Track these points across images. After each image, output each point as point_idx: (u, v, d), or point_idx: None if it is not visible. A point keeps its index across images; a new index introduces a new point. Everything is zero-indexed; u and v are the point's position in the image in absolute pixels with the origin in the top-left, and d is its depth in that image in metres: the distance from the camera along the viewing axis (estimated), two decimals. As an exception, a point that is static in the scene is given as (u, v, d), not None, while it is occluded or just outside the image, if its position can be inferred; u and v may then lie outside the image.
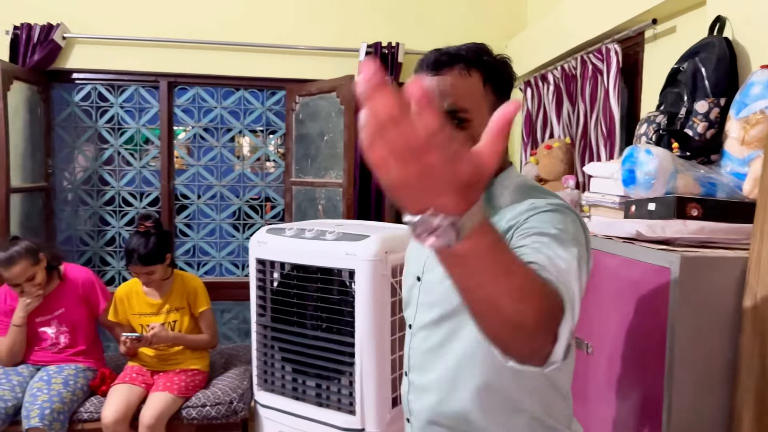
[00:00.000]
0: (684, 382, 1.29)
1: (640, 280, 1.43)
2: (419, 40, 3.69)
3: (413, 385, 1.20)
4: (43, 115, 3.48)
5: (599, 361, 1.63)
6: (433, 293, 1.14)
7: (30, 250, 2.56)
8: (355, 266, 2.32)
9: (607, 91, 2.53)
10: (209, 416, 2.57)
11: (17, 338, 2.59)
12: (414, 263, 1.23)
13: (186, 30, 3.55)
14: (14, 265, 2.48)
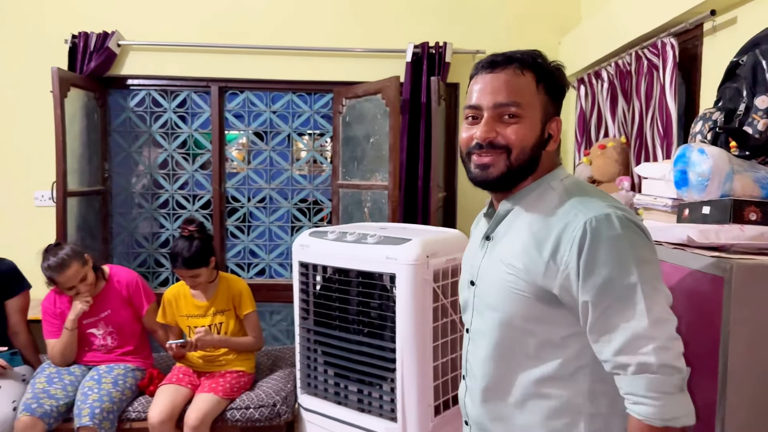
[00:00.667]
0: (738, 402, 1.19)
1: (691, 289, 1.33)
2: (468, 39, 3.62)
3: (469, 389, 1.23)
4: (99, 120, 3.60)
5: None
6: (487, 298, 1.17)
7: (77, 252, 2.64)
8: (395, 270, 2.28)
9: (663, 88, 2.39)
10: (252, 418, 2.57)
11: (69, 341, 2.66)
12: (468, 267, 1.27)
13: (235, 35, 3.60)
14: (67, 269, 2.56)
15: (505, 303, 1.10)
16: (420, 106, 3.47)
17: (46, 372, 2.64)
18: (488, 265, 1.17)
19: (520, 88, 1.11)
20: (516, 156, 1.11)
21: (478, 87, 1.14)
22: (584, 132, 3.27)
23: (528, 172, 1.14)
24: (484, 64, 1.15)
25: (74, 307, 2.63)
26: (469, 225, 1.81)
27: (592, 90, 3.15)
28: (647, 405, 1.00)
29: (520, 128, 1.10)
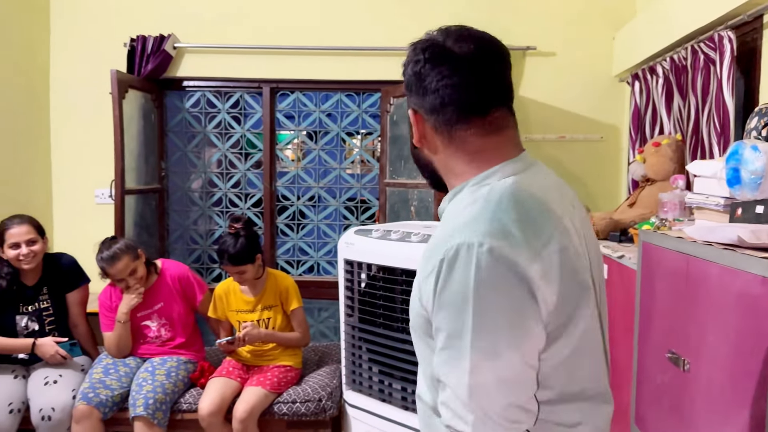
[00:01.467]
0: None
1: (742, 291, 1.28)
2: (519, 35, 3.57)
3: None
4: (156, 121, 3.72)
5: (697, 379, 1.48)
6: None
7: (129, 247, 2.74)
8: (440, 269, 2.27)
9: (720, 83, 2.30)
10: (299, 413, 2.62)
11: (123, 333, 2.77)
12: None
13: (286, 37, 3.66)
14: (118, 261, 2.66)
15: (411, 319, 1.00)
16: (468, 104, 3.44)
17: (102, 363, 2.75)
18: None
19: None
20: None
21: None
22: (638, 129, 3.18)
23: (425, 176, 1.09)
24: None
25: (126, 301, 2.73)
26: None
27: (647, 86, 3.06)
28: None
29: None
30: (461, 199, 0.96)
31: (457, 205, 0.96)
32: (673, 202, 2.44)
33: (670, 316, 1.62)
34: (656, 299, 1.74)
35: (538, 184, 0.96)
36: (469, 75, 0.94)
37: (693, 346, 1.48)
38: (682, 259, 1.54)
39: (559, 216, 0.93)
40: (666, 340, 1.64)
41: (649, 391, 1.80)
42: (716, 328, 1.39)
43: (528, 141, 3.66)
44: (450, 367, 0.85)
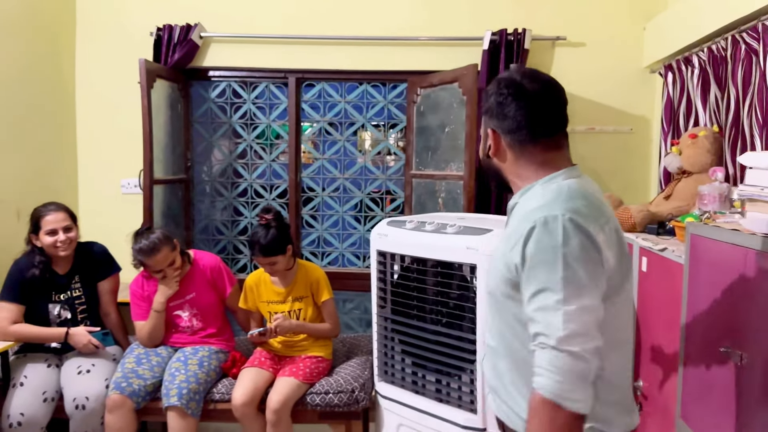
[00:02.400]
0: None
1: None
2: (548, 26, 3.53)
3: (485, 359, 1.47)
4: (182, 111, 3.72)
5: (754, 373, 1.45)
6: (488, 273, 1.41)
7: (167, 237, 2.74)
8: (476, 261, 2.26)
9: (764, 74, 2.26)
10: (332, 404, 2.61)
11: (157, 323, 2.77)
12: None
13: (312, 26, 3.63)
14: (158, 253, 2.66)
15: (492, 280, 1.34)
16: (497, 95, 3.41)
17: (134, 353, 2.76)
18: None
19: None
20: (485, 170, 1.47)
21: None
22: (671, 121, 3.14)
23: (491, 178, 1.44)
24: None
25: (162, 290, 2.74)
26: None
27: (681, 77, 3.02)
28: (545, 377, 1.11)
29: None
30: (534, 193, 1.28)
31: (530, 197, 1.28)
32: (712, 194, 2.41)
33: (723, 310, 1.59)
34: (706, 293, 1.71)
35: (590, 186, 1.32)
36: (537, 108, 1.28)
37: (751, 340, 1.46)
38: (739, 252, 1.51)
39: (609, 209, 1.29)
40: (718, 335, 1.62)
41: (696, 386, 1.78)
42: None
43: (556, 132, 3.62)
44: (546, 302, 1.13)
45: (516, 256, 1.20)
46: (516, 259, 1.20)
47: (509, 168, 1.34)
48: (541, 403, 1.11)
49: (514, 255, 1.21)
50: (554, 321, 1.11)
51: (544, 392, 1.10)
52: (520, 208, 1.29)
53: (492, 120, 1.33)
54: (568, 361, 1.09)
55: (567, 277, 1.12)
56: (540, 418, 1.11)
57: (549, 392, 1.09)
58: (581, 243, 1.15)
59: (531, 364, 1.15)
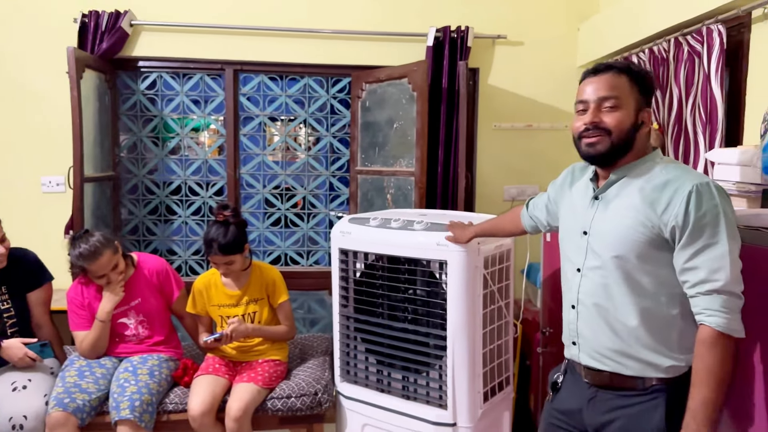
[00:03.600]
0: None
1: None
2: (488, 24, 3.60)
3: (581, 314, 1.56)
4: (110, 103, 3.47)
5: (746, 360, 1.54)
6: (605, 241, 1.49)
7: (108, 240, 2.55)
8: (447, 257, 2.26)
9: (708, 76, 2.41)
10: (294, 408, 2.53)
11: (102, 333, 2.57)
12: (579, 221, 1.58)
13: (251, 16, 3.50)
14: (100, 257, 2.47)
15: (623, 245, 1.44)
16: (441, 91, 3.44)
17: (75, 365, 2.54)
18: (603, 218, 1.51)
19: (617, 85, 1.46)
20: (616, 136, 1.45)
21: (587, 87, 1.50)
22: (608, 118, 3.28)
23: (626, 150, 1.47)
24: (591, 70, 1.51)
25: (108, 298, 2.54)
26: (487, 209, 2.00)
27: (618, 76, 3.16)
28: (720, 317, 1.33)
29: (618, 115, 1.45)
30: (654, 165, 1.48)
31: (649, 169, 1.47)
32: (659, 188, 2.54)
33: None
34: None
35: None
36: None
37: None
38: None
39: None
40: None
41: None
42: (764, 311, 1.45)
43: (497, 129, 3.71)
44: (714, 253, 1.34)
45: (673, 213, 1.37)
46: (673, 215, 1.37)
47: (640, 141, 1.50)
48: (717, 337, 1.33)
49: (669, 212, 1.37)
50: (720, 273, 1.33)
51: (721, 328, 1.32)
52: (643, 179, 1.45)
53: (645, 97, 1.49)
54: (733, 303, 1.34)
55: (729, 233, 1.34)
56: (717, 349, 1.33)
57: (725, 328, 1.32)
58: (729, 204, 1.38)
59: (667, 317, 1.42)
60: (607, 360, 1.50)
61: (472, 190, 3.70)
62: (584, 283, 1.54)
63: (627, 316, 1.46)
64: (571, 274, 1.59)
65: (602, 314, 1.50)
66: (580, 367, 1.59)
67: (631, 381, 1.48)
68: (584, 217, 1.56)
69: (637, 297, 1.44)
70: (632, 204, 1.43)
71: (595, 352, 1.53)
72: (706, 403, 1.34)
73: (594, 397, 1.55)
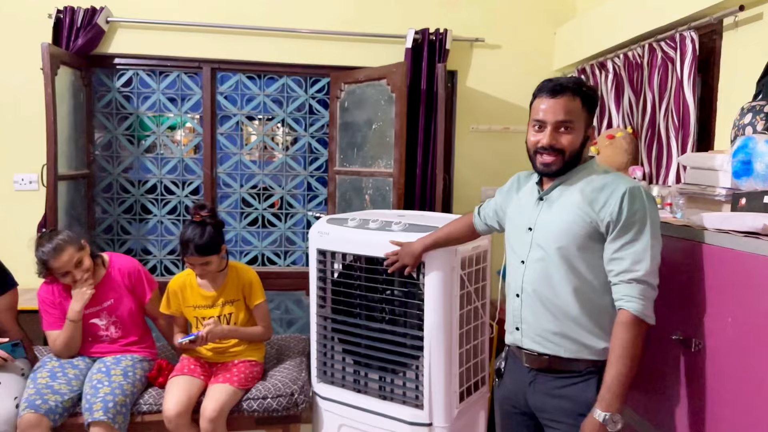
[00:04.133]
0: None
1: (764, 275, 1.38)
2: (466, 27, 3.62)
3: (525, 302, 1.72)
4: (84, 100, 3.42)
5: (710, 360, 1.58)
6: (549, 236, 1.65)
7: (72, 238, 2.52)
8: (424, 258, 2.27)
9: (681, 81, 2.46)
10: (270, 408, 2.52)
11: (74, 333, 2.53)
12: (524, 219, 1.75)
13: (229, 15, 3.49)
14: (62, 252, 2.44)
15: (565, 237, 1.60)
16: (419, 93, 3.45)
17: (48, 366, 2.51)
18: (547, 215, 1.67)
19: (571, 110, 1.60)
20: (569, 155, 1.63)
21: (543, 107, 1.63)
22: (583, 122, 3.33)
23: (575, 164, 1.65)
24: (547, 91, 1.62)
25: (77, 297, 2.51)
26: (464, 211, 2.07)
27: (594, 81, 3.21)
28: (637, 303, 1.51)
29: (572, 137, 1.61)
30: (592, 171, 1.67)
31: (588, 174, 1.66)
32: (633, 191, 2.58)
33: (673, 300, 1.71)
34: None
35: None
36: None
37: (706, 327, 1.58)
38: (689, 246, 1.63)
39: None
40: (668, 323, 1.73)
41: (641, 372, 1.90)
42: (732, 311, 1.48)
43: (475, 131, 3.74)
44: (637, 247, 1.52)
45: (609, 211, 1.54)
46: (609, 213, 1.54)
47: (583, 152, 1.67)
48: (633, 321, 1.51)
49: (606, 210, 1.55)
50: (641, 264, 1.51)
51: (638, 313, 1.50)
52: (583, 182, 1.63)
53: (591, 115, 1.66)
54: (649, 292, 1.52)
55: (652, 231, 1.53)
56: (633, 331, 1.51)
57: (640, 313, 1.50)
58: (656, 208, 1.56)
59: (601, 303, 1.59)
60: (547, 342, 1.66)
61: (450, 192, 3.73)
62: (528, 273, 1.70)
63: (566, 302, 1.61)
64: (516, 265, 1.76)
65: (544, 300, 1.65)
66: (521, 352, 1.75)
67: (568, 364, 1.64)
68: (530, 215, 1.72)
69: (575, 284, 1.60)
70: (574, 203, 1.60)
71: (536, 335, 1.68)
72: (620, 378, 1.51)
73: (534, 381, 1.70)
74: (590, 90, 1.65)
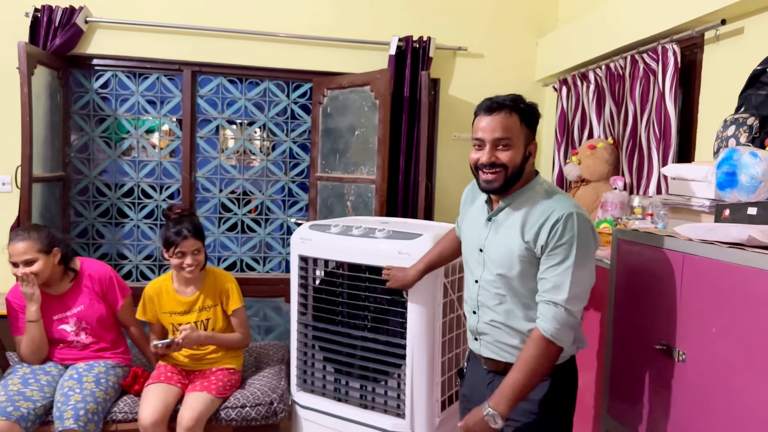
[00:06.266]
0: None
1: (749, 286, 1.38)
2: (449, 35, 3.63)
3: (481, 317, 1.74)
4: (61, 101, 3.35)
5: (694, 370, 1.58)
6: (494, 259, 1.68)
7: (43, 239, 2.46)
8: (408, 265, 2.25)
9: (662, 93, 2.48)
10: (249, 417, 2.48)
11: (35, 334, 2.46)
12: (475, 238, 1.76)
13: (211, 17, 3.45)
14: (18, 242, 2.41)
15: (507, 262, 1.64)
16: (402, 100, 3.45)
17: (19, 373, 2.43)
18: (494, 239, 1.70)
19: (509, 126, 1.61)
20: (510, 171, 1.63)
21: (482, 125, 1.63)
22: (564, 132, 3.36)
23: (517, 180, 1.65)
24: (485, 108, 1.64)
25: (27, 296, 2.44)
26: (446, 218, 2.04)
27: (576, 91, 3.24)
28: (549, 324, 1.56)
29: (511, 153, 1.61)
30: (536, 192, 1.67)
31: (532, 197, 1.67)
32: (614, 201, 2.61)
33: (658, 311, 1.72)
34: (636, 295, 1.84)
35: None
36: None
37: (690, 338, 1.59)
38: (676, 257, 1.64)
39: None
40: (652, 334, 1.74)
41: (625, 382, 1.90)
42: (717, 322, 1.49)
43: (456, 140, 3.74)
44: (559, 271, 1.55)
45: (543, 234, 1.57)
46: (543, 236, 1.57)
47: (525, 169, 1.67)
48: (541, 339, 1.56)
49: (542, 233, 1.58)
50: (561, 288, 1.55)
51: (546, 333, 1.55)
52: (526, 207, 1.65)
53: (532, 131, 1.66)
54: (564, 316, 1.55)
55: (579, 257, 1.55)
56: (539, 348, 1.57)
57: (549, 334, 1.55)
58: (590, 234, 1.59)
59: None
60: (503, 353, 1.71)
61: (432, 199, 3.72)
62: (482, 293, 1.73)
63: (519, 321, 1.66)
64: (471, 283, 1.78)
65: (499, 319, 1.69)
66: (481, 357, 1.79)
67: None
68: (480, 235, 1.75)
69: (525, 306, 1.65)
70: (516, 231, 1.63)
71: (493, 346, 1.73)
72: (515, 384, 1.57)
73: (492, 382, 1.74)
74: (529, 107, 1.66)
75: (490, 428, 1.58)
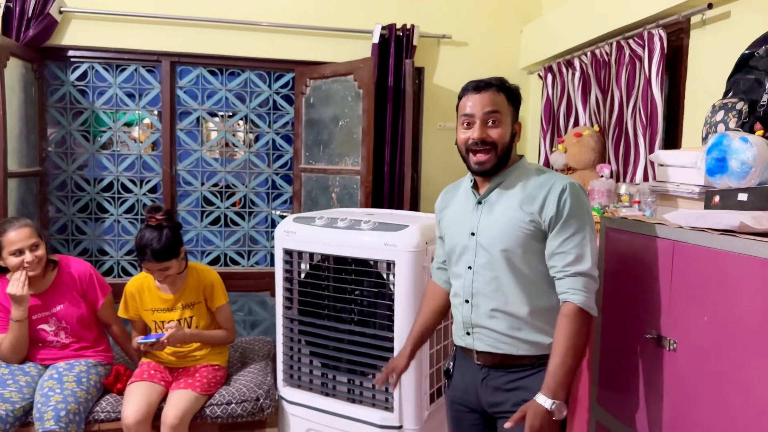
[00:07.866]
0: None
1: (741, 274, 1.36)
2: (432, 24, 3.58)
3: (476, 306, 1.68)
4: (36, 94, 3.26)
5: (685, 359, 1.56)
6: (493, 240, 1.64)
7: (36, 225, 2.47)
8: (395, 257, 2.22)
9: (648, 79, 2.46)
10: (234, 414, 2.44)
11: (19, 333, 2.40)
12: (465, 224, 1.71)
13: (190, 6, 3.37)
14: (20, 227, 2.37)
15: (509, 239, 1.61)
16: (387, 90, 3.40)
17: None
18: (488, 219, 1.67)
19: (497, 102, 1.62)
20: (501, 149, 1.63)
21: (470, 103, 1.63)
22: (550, 120, 3.33)
23: (506, 160, 1.66)
24: (472, 87, 1.64)
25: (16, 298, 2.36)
26: (432, 209, 2.02)
27: (561, 79, 3.21)
28: (582, 296, 1.53)
29: (501, 130, 1.62)
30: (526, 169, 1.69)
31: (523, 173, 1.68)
32: (601, 189, 2.59)
33: (648, 299, 1.69)
34: (625, 283, 1.82)
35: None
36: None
37: (681, 327, 1.57)
38: (666, 244, 1.61)
39: None
40: (642, 323, 1.72)
41: (614, 372, 1.89)
42: (709, 309, 1.47)
43: (442, 129, 3.70)
44: (579, 241, 1.56)
45: (550, 207, 1.57)
46: (549, 209, 1.57)
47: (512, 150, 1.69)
48: (578, 312, 1.53)
49: (547, 206, 1.58)
50: (583, 258, 1.55)
51: (583, 305, 1.53)
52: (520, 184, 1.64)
53: (516, 112, 1.68)
54: (592, 285, 1.55)
55: (589, 225, 1.57)
56: (578, 322, 1.53)
57: (585, 305, 1.53)
58: (587, 200, 1.61)
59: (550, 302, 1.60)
60: (500, 344, 1.65)
61: (417, 190, 3.68)
62: (476, 278, 1.68)
63: (516, 304, 1.62)
64: (464, 271, 1.71)
65: (494, 305, 1.64)
66: (473, 352, 1.72)
67: (520, 359, 1.64)
68: (470, 220, 1.71)
69: (522, 286, 1.62)
70: (514, 204, 1.62)
71: (488, 338, 1.67)
72: (564, 366, 1.51)
73: (486, 377, 1.69)
74: (513, 87, 1.68)
75: (556, 421, 1.51)
